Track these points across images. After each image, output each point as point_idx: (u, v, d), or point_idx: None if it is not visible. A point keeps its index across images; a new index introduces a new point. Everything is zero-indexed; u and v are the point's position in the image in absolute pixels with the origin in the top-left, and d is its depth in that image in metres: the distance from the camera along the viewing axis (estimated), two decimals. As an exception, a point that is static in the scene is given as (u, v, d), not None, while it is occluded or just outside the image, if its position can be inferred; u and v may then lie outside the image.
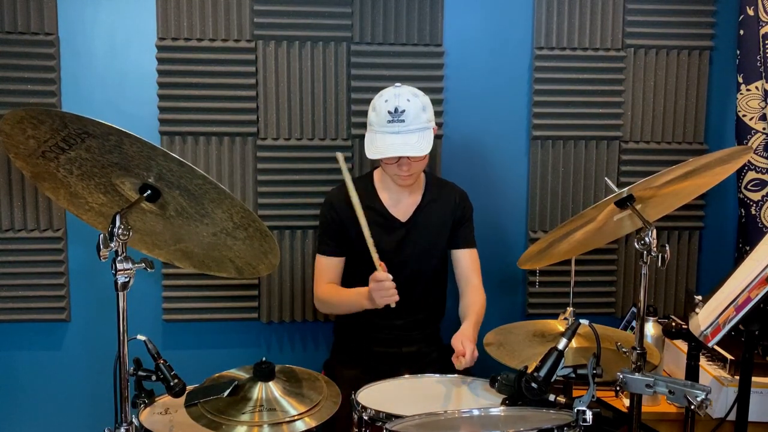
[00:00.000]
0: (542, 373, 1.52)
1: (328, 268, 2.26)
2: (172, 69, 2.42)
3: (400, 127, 2.06)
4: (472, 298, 2.22)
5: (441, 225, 2.27)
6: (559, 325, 2.08)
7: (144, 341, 1.51)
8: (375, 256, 2.00)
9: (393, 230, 2.23)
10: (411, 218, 2.24)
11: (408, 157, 2.08)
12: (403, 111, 2.06)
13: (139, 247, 1.76)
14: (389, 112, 2.06)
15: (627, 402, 2.04)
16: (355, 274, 2.23)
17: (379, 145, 2.07)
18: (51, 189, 1.60)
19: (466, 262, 2.29)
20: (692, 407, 1.50)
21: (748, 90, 2.52)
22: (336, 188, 2.28)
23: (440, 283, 2.35)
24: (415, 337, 2.27)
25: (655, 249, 1.60)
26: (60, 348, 2.55)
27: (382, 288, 1.99)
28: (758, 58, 2.47)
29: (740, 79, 2.54)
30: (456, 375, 1.94)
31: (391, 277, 2.00)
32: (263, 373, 1.72)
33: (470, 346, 1.94)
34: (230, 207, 1.50)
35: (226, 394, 1.66)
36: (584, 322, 1.61)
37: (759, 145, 2.51)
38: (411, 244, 2.23)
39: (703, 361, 2.15)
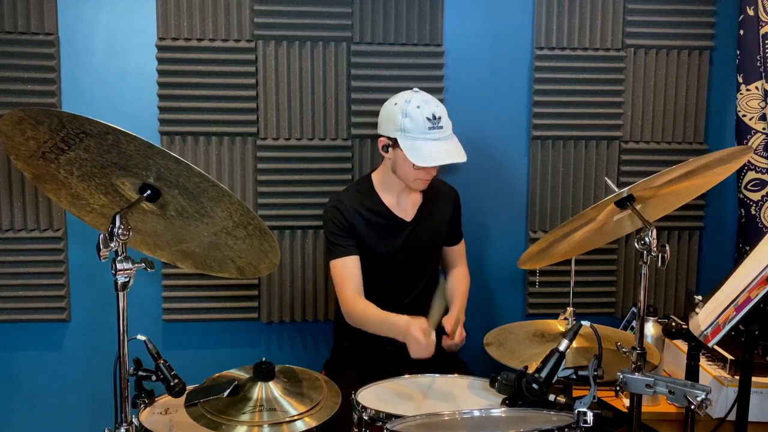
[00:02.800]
0: (543, 374, 1.52)
1: (351, 269, 2.14)
2: (172, 69, 2.42)
3: (440, 133, 2.05)
4: (458, 280, 2.35)
5: (442, 222, 2.29)
6: (559, 325, 2.08)
7: (144, 341, 1.51)
8: (436, 321, 1.94)
9: (399, 230, 2.22)
10: (415, 217, 2.24)
11: None
12: (440, 117, 2.05)
13: (141, 248, 1.76)
14: (428, 119, 2.03)
15: (627, 402, 2.04)
16: (366, 275, 2.18)
17: (427, 152, 2.03)
18: (53, 191, 1.60)
19: (457, 252, 2.39)
20: (692, 407, 1.50)
21: (748, 90, 2.51)
22: (335, 196, 2.24)
23: (438, 278, 2.35)
24: None
25: (655, 249, 1.61)
26: (60, 348, 2.54)
27: (421, 344, 1.88)
28: (758, 58, 2.47)
29: (740, 79, 2.54)
30: (456, 375, 1.94)
31: (434, 339, 1.91)
32: (263, 373, 1.72)
33: (460, 328, 2.07)
34: (229, 205, 1.50)
35: (226, 394, 1.66)
36: (585, 323, 1.61)
37: (759, 145, 2.51)
38: (415, 243, 2.24)
39: (703, 361, 2.15)
